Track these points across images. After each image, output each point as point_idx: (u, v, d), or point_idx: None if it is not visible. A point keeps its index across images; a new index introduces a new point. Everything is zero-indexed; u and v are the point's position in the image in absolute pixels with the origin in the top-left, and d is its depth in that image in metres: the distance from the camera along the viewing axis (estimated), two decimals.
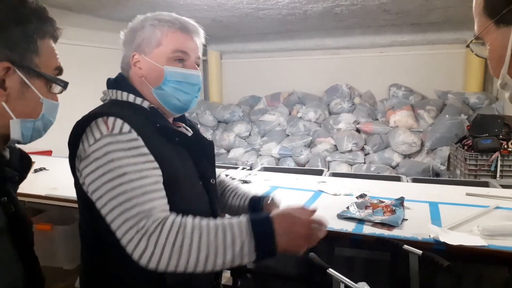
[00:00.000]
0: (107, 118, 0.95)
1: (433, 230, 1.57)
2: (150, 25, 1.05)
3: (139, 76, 1.06)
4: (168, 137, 1.02)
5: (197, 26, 1.09)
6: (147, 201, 0.87)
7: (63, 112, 4.16)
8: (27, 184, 2.52)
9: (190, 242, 0.85)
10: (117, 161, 0.89)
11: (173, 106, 1.07)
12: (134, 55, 1.06)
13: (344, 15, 5.16)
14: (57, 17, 3.40)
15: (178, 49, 1.04)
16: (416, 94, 6.08)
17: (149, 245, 0.83)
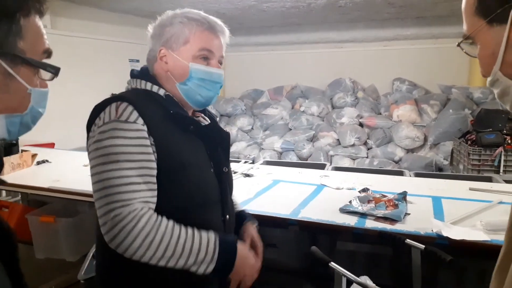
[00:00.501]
0: (120, 103, 1.00)
1: (435, 224, 1.57)
2: (179, 22, 1.09)
3: (165, 71, 1.11)
4: (180, 124, 1.06)
5: (223, 26, 1.15)
6: (131, 191, 0.93)
7: (65, 104, 4.19)
8: (30, 176, 2.55)
9: (160, 240, 0.92)
10: (116, 147, 0.95)
11: (195, 101, 1.12)
12: (161, 49, 1.10)
13: (348, 8, 5.13)
14: (59, 9, 3.42)
15: (204, 48, 1.09)
16: (419, 89, 6.05)
17: (122, 233, 0.90)
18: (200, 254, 0.94)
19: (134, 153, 0.96)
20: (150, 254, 0.91)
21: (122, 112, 0.98)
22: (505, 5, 0.57)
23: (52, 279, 2.73)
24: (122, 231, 0.89)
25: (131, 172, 0.94)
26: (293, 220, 1.72)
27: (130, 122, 0.97)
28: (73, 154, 3.26)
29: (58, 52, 3.40)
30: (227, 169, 1.17)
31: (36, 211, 2.62)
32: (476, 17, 0.62)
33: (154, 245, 0.91)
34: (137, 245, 0.90)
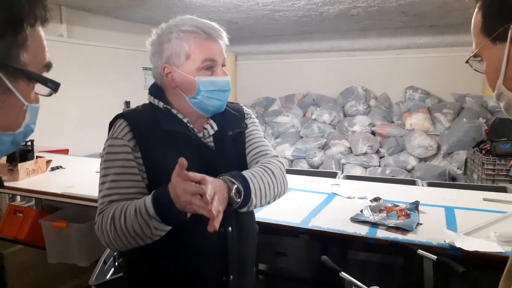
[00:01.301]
0: (118, 121, 1.11)
1: (448, 235, 1.55)
2: (176, 38, 1.09)
3: (173, 87, 1.13)
4: (173, 138, 1.10)
5: (219, 29, 1.13)
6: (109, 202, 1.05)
7: (79, 111, 4.27)
8: (44, 182, 2.59)
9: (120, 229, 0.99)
10: (107, 162, 1.09)
11: (207, 111, 1.15)
12: (165, 67, 1.12)
13: (360, 17, 5.13)
14: (76, 18, 3.50)
15: (207, 58, 1.10)
16: (433, 97, 6.00)
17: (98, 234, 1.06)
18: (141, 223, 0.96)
19: (120, 166, 1.07)
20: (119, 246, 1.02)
21: (116, 129, 1.10)
22: (505, 25, 0.62)
23: (64, 283, 2.76)
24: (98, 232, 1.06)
25: (114, 184, 1.06)
26: (303, 229, 1.72)
27: (118, 139, 1.08)
28: (86, 161, 3.31)
29: (73, 60, 3.54)
30: None
31: (49, 217, 2.66)
32: (481, 36, 0.68)
33: (109, 234, 1.01)
34: (104, 241, 1.04)
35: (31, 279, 2.89)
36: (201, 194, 0.89)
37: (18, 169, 2.46)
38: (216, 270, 1.13)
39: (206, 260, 1.11)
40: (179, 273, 1.11)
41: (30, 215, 2.76)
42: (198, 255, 1.10)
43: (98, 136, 5.20)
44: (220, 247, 1.12)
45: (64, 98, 4.76)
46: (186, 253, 1.09)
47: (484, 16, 0.67)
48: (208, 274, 1.12)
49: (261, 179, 1.10)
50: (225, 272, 1.14)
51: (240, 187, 1.02)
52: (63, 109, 4.76)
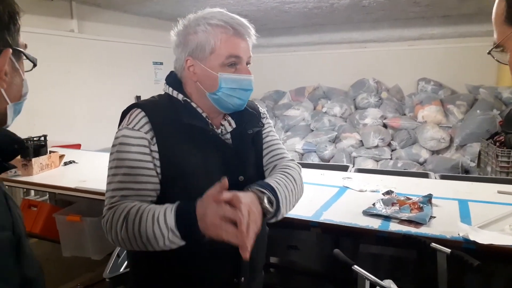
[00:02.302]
0: (134, 110, 1.06)
1: (462, 228, 1.53)
2: (203, 31, 1.06)
3: (194, 80, 1.10)
4: (192, 132, 1.06)
5: (248, 27, 1.12)
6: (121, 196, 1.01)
7: (91, 106, 4.30)
8: (57, 177, 2.62)
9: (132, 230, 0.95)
10: (120, 153, 1.03)
11: (226, 109, 1.12)
12: (188, 59, 1.08)
13: (372, 7, 5.06)
14: (86, 13, 3.51)
15: (232, 55, 1.06)
16: (445, 89, 5.91)
17: (106, 230, 1.01)
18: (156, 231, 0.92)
19: (135, 160, 1.02)
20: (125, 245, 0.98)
21: (132, 119, 1.05)
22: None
23: (78, 276, 2.80)
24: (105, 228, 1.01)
25: (127, 178, 1.02)
26: (315, 222, 1.71)
27: (135, 130, 1.03)
28: (99, 155, 3.33)
29: (84, 55, 3.56)
30: (244, 178, 1.11)
31: (63, 211, 2.69)
32: (505, 25, 0.64)
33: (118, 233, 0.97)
34: (110, 237, 1.00)
35: (45, 272, 2.91)
36: (235, 221, 0.84)
37: (32, 164, 2.49)
38: (228, 272, 1.12)
39: (218, 263, 1.09)
40: (191, 275, 1.09)
41: (44, 209, 2.80)
42: (211, 258, 1.09)
43: (110, 130, 5.23)
44: (233, 250, 1.08)
45: (75, 93, 4.80)
46: (199, 256, 1.07)
47: (509, 4, 0.63)
48: (220, 276, 1.11)
49: (286, 187, 1.08)
50: (237, 274, 1.13)
51: (272, 197, 1.00)
52: (75, 104, 4.80)
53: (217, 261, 1.09)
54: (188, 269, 1.08)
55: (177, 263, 1.07)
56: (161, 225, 0.91)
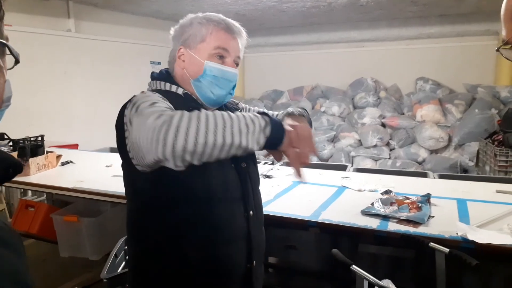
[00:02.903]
0: (147, 92, 1.07)
1: (461, 227, 1.53)
2: (198, 23, 1.13)
3: (181, 68, 1.15)
4: None
5: (241, 29, 1.17)
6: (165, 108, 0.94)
7: (88, 106, 4.28)
8: (54, 177, 2.60)
9: (206, 120, 0.84)
10: (144, 102, 0.94)
11: (207, 99, 1.15)
12: (180, 48, 1.15)
13: (369, 7, 5.06)
14: (83, 13, 3.50)
15: (220, 46, 1.12)
16: (444, 88, 5.92)
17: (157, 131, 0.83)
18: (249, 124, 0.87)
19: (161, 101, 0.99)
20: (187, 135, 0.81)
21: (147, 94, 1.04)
22: None
23: (76, 277, 2.79)
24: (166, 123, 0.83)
25: (163, 104, 0.97)
26: (313, 222, 1.70)
27: (154, 93, 1.04)
28: (96, 155, 3.33)
29: (81, 55, 3.55)
30: (246, 164, 1.17)
31: (60, 211, 2.68)
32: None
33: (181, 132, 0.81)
34: (163, 140, 0.81)
35: (43, 273, 2.93)
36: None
37: (30, 164, 2.48)
38: (243, 257, 1.14)
39: (236, 247, 1.12)
40: (211, 263, 1.09)
41: (42, 209, 2.79)
42: (230, 243, 1.11)
43: (107, 130, 5.22)
44: (245, 233, 1.14)
45: (72, 93, 4.79)
46: (217, 242, 1.09)
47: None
48: (235, 262, 1.13)
49: None
50: (249, 258, 1.15)
51: None
52: (72, 104, 4.79)
53: (233, 246, 1.12)
54: (205, 257, 1.08)
55: (194, 251, 1.07)
56: (246, 117, 0.87)
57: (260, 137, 0.88)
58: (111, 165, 2.74)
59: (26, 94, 4.30)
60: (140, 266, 1.15)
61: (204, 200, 1.05)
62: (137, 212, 1.12)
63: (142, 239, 1.13)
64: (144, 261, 1.13)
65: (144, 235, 1.12)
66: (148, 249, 1.10)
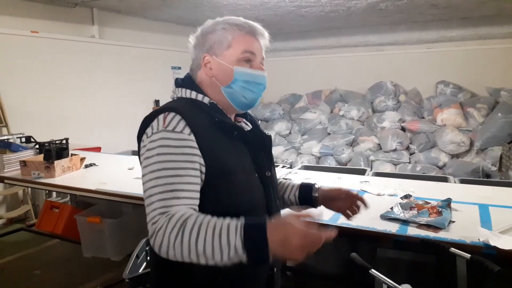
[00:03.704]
0: (168, 114, 1.03)
1: (482, 233, 1.51)
2: (221, 29, 1.12)
3: (209, 76, 1.14)
4: (225, 131, 1.09)
5: (263, 30, 1.18)
6: (172, 198, 0.96)
7: (111, 110, 4.39)
8: (78, 179, 2.67)
9: (188, 240, 0.90)
10: (163, 155, 0.99)
11: (240, 104, 1.15)
12: (205, 56, 1.13)
13: (389, 10, 5.03)
14: (107, 19, 3.60)
15: (247, 50, 1.12)
16: (465, 92, 5.82)
17: (157, 237, 0.93)
18: (230, 245, 0.87)
19: (180, 161, 0.99)
20: (174, 253, 0.91)
21: (169, 122, 1.02)
22: None
23: (98, 277, 2.85)
24: (157, 235, 0.92)
25: (176, 179, 0.97)
26: (332, 226, 1.71)
27: (177, 132, 1.01)
28: (118, 158, 3.39)
29: (105, 60, 3.65)
30: (270, 173, 1.18)
31: (83, 212, 2.75)
32: None
33: (178, 244, 0.90)
34: (164, 245, 0.91)
35: (67, 272, 3.00)
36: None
37: (55, 166, 2.55)
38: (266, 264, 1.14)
39: None
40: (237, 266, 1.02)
41: (66, 210, 2.87)
42: None
43: (129, 134, 5.31)
44: None
45: (96, 98, 4.90)
46: None
47: None
48: (261, 267, 1.11)
49: None
50: (271, 266, 1.16)
51: None
52: (95, 108, 4.90)
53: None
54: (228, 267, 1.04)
55: None
56: (222, 241, 0.87)
57: (239, 258, 0.88)
58: (133, 168, 2.80)
59: (52, 98, 4.43)
60: (163, 266, 1.14)
61: (230, 213, 1.00)
62: None
63: None
64: (168, 262, 1.10)
65: None
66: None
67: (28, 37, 4.20)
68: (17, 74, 4.13)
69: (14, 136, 3.25)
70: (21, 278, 2.96)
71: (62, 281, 2.87)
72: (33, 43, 4.25)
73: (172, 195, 0.96)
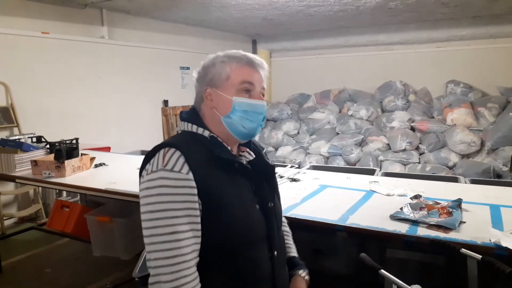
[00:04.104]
0: (168, 150, 1.07)
1: (494, 234, 1.49)
2: (220, 62, 1.16)
3: (210, 108, 1.17)
4: (223, 165, 1.11)
5: (261, 61, 1.21)
6: (174, 241, 1.00)
7: (120, 110, 4.42)
8: (88, 178, 2.69)
9: None
10: (162, 196, 1.02)
11: (239, 133, 1.16)
12: (207, 89, 1.17)
13: (398, 9, 5.00)
14: (116, 20, 3.64)
15: (245, 80, 1.15)
16: (476, 91, 5.76)
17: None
18: None
19: (180, 201, 1.02)
20: None
21: (168, 160, 1.04)
22: None
23: (108, 276, 2.87)
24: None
25: (176, 221, 1.01)
26: (341, 226, 1.70)
27: (175, 171, 1.03)
28: (128, 158, 3.41)
29: (114, 61, 3.68)
30: (273, 204, 1.20)
31: (93, 211, 2.77)
32: None
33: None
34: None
35: (77, 271, 3.03)
36: None
37: (65, 166, 2.57)
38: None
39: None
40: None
41: (76, 209, 2.89)
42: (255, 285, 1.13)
43: (138, 133, 5.38)
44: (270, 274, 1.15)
45: (105, 98, 4.94)
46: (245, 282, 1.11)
47: None
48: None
49: None
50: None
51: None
52: (105, 108, 4.94)
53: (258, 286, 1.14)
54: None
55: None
56: None
57: None
58: None
59: (62, 98, 4.47)
60: None
61: (228, 246, 1.06)
62: None
63: None
64: None
65: None
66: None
67: (39, 38, 4.24)
68: (28, 74, 4.17)
69: (25, 136, 3.27)
70: (32, 276, 2.99)
71: (72, 280, 2.90)
72: (44, 44, 4.30)
73: (175, 238, 1.00)
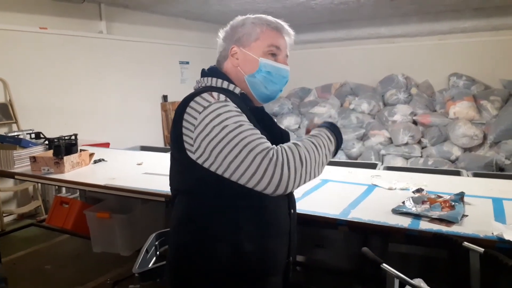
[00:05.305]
0: (211, 92, 1.08)
1: (496, 227, 1.47)
2: (251, 23, 1.20)
3: (235, 66, 1.21)
4: (258, 119, 1.14)
5: (290, 29, 1.27)
6: (264, 142, 1.01)
7: (119, 106, 4.38)
8: (87, 174, 2.67)
9: (306, 158, 1.02)
10: (232, 117, 1.01)
11: (261, 94, 1.22)
12: (233, 47, 1.21)
13: (400, 2, 4.95)
14: (114, 15, 3.60)
15: (273, 44, 1.20)
16: (478, 84, 5.72)
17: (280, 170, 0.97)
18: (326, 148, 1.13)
19: (246, 120, 1.04)
20: (304, 173, 1.01)
21: (218, 96, 1.06)
22: None
23: (108, 272, 2.87)
24: (281, 169, 0.97)
25: (255, 130, 1.02)
26: (342, 221, 1.68)
27: (229, 102, 1.06)
28: (127, 153, 3.40)
29: (113, 56, 3.65)
30: None
31: (93, 207, 2.76)
32: None
33: (304, 164, 1.00)
34: (287, 169, 0.97)
35: (76, 267, 3.03)
36: None
37: (64, 162, 2.56)
38: (285, 251, 1.20)
39: (281, 242, 1.18)
40: (262, 253, 1.13)
41: (76, 206, 2.88)
42: (278, 237, 1.16)
43: (137, 129, 5.36)
44: (287, 229, 1.20)
45: (104, 93, 4.92)
46: (269, 235, 1.14)
47: None
48: (282, 254, 1.19)
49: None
50: (288, 253, 1.21)
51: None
52: (104, 104, 4.92)
53: (280, 240, 1.18)
54: (257, 249, 1.11)
55: (249, 242, 1.09)
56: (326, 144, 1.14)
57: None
58: (141, 163, 2.80)
59: (61, 94, 4.46)
60: (186, 256, 1.15)
61: (258, 195, 1.04)
62: (194, 202, 1.13)
63: (194, 229, 1.13)
64: (193, 251, 1.13)
65: (198, 225, 1.12)
66: (200, 238, 1.12)
67: (37, 33, 4.22)
68: (26, 70, 4.16)
69: (24, 132, 3.26)
70: (32, 273, 2.99)
71: (72, 276, 2.89)
72: (42, 39, 4.28)
73: (263, 140, 1.01)
